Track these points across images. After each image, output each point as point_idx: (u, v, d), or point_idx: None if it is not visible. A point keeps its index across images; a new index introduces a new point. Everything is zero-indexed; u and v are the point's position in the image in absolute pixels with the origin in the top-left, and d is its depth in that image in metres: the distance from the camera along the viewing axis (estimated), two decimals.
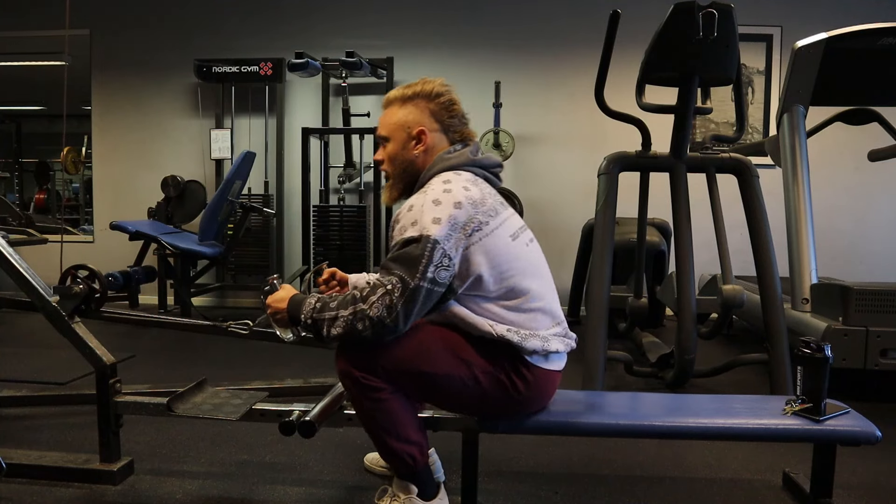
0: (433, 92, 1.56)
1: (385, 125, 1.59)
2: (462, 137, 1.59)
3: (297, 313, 1.44)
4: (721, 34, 2.32)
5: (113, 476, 1.75)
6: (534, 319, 1.48)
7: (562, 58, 4.84)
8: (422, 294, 1.35)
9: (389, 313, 1.35)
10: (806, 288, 2.88)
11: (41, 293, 1.84)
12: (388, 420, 1.48)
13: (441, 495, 1.59)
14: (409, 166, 1.56)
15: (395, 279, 1.36)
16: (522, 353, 1.46)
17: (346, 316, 1.37)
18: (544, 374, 1.51)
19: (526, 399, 1.51)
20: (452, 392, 1.48)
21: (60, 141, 5.08)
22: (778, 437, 1.59)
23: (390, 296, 1.35)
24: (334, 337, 1.39)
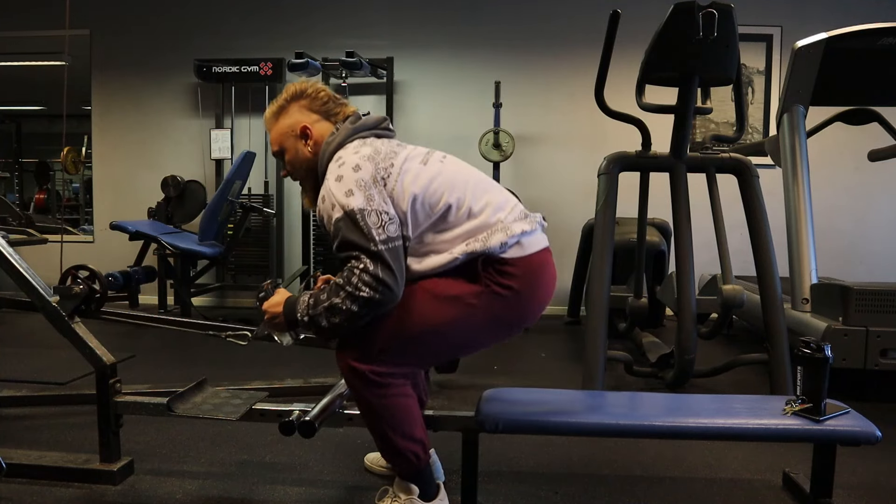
0: (297, 91, 1.62)
1: (274, 140, 1.64)
2: (344, 115, 1.62)
3: (293, 315, 1.44)
4: (721, 34, 2.32)
5: (113, 476, 1.75)
6: (483, 221, 1.46)
7: (562, 58, 4.84)
8: (386, 255, 1.36)
9: (375, 285, 1.35)
10: (806, 288, 2.88)
11: (41, 293, 1.84)
12: (393, 417, 1.48)
13: (441, 496, 1.60)
14: (309, 164, 1.60)
15: (356, 258, 1.37)
16: (493, 254, 1.44)
17: (338, 302, 1.37)
18: (527, 260, 1.47)
19: (526, 293, 1.47)
20: (461, 333, 1.47)
21: (60, 141, 5.08)
22: (778, 437, 1.59)
23: (366, 270, 1.35)
24: (334, 326, 1.39)
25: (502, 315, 1.47)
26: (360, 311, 1.37)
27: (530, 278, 1.47)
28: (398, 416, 1.48)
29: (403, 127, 4.99)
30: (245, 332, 2.18)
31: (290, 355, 2.25)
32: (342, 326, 1.39)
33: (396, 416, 1.48)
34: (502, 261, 1.45)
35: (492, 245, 1.43)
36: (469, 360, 2.87)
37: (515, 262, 1.45)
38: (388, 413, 1.47)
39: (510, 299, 1.45)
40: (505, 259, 1.45)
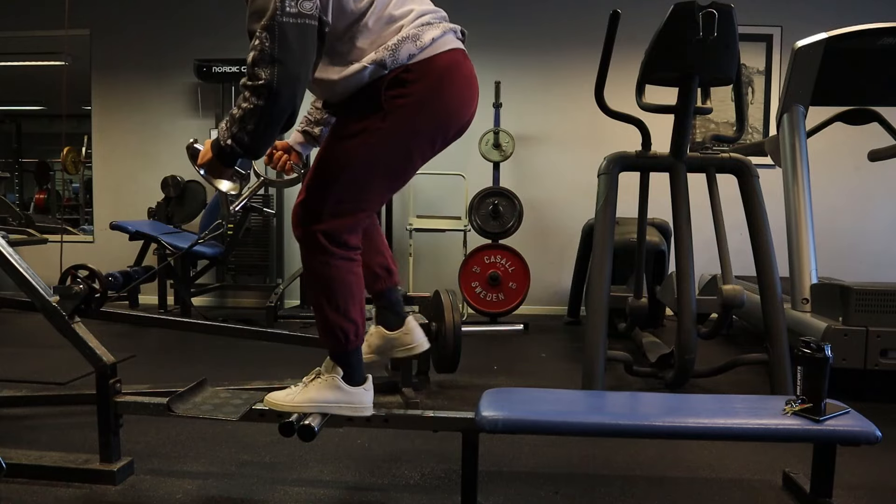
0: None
1: None
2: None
3: (218, 147, 1.41)
4: (721, 34, 2.32)
5: (113, 476, 1.75)
6: (398, 27, 1.42)
7: (562, 58, 4.84)
8: (291, 28, 1.28)
9: (274, 65, 1.28)
10: (806, 288, 2.88)
11: (41, 293, 1.84)
12: (330, 288, 1.49)
13: (367, 386, 1.59)
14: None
15: (258, 31, 1.30)
16: (402, 61, 1.40)
17: (246, 106, 1.33)
18: (426, 63, 1.42)
19: (431, 97, 1.43)
20: (383, 160, 1.46)
21: (60, 141, 5.10)
22: (778, 437, 1.59)
23: (264, 49, 1.28)
24: (254, 135, 1.35)
25: (414, 128, 1.45)
26: (267, 105, 1.31)
27: (433, 81, 1.43)
28: (336, 289, 1.49)
29: None
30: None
31: (291, 355, 2.25)
32: (262, 132, 1.35)
33: (334, 289, 1.49)
34: (403, 71, 1.41)
35: (400, 55, 1.39)
36: (469, 361, 2.87)
37: (412, 67, 1.41)
38: (327, 283, 1.48)
39: (413, 107, 1.42)
40: (407, 66, 1.40)
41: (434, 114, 1.46)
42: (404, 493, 1.80)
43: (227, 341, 3.42)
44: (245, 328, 2.63)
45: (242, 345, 3.38)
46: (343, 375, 1.56)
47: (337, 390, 1.56)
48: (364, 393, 1.57)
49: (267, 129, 1.36)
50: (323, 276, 1.49)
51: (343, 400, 1.56)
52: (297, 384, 1.62)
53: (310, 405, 1.55)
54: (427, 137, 1.49)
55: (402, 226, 4.71)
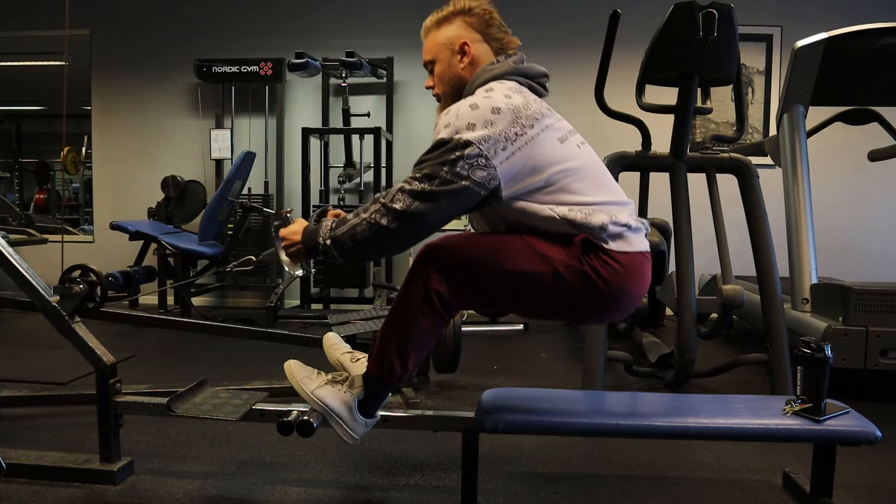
0: (465, 7, 1.55)
1: (428, 50, 1.59)
2: (503, 46, 1.58)
3: (314, 240, 1.41)
4: (721, 34, 2.32)
5: (113, 476, 1.75)
6: (591, 201, 1.43)
7: (562, 57, 4.84)
8: (448, 186, 1.32)
9: (413, 200, 1.31)
10: (806, 288, 2.88)
11: (41, 293, 1.84)
12: (411, 333, 1.46)
13: (371, 423, 1.57)
14: (458, 82, 1.55)
15: (419, 173, 1.33)
16: (594, 233, 1.40)
17: (367, 217, 1.34)
18: (627, 258, 1.43)
19: (615, 291, 1.42)
20: (535, 291, 1.43)
21: (60, 141, 5.09)
22: (778, 437, 1.59)
23: (413, 186, 1.32)
24: (358, 245, 1.35)
25: (584, 301, 1.43)
26: (389, 225, 1.33)
27: (628, 278, 1.43)
28: (413, 336, 1.46)
29: (403, 127, 4.99)
30: (250, 258, 2.15)
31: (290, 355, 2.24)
32: (366, 248, 1.36)
33: (412, 334, 1.46)
34: (606, 251, 1.41)
35: (594, 222, 1.39)
36: (469, 361, 2.87)
37: (619, 256, 1.41)
38: (411, 327, 1.46)
39: (599, 289, 1.40)
40: (609, 250, 1.41)
41: (606, 306, 1.46)
42: (404, 493, 1.80)
43: (227, 341, 3.42)
44: (245, 328, 2.62)
45: (242, 345, 3.38)
46: (361, 399, 1.53)
47: (345, 407, 1.52)
48: (364, 426, 1.55)
49: (372, 248, 1.37)
50: (412, 319, 1.46)
51: (344, 418, 1.52)
52: (321, 373, 1.59)
53: (313, 401, 1.53)
54: (579, 315, 1.50)
55: None
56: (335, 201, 4.81)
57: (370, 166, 4.68)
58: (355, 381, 1.54)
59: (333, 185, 4.90)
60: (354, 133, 4.63)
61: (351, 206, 4.55)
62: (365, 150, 4.72)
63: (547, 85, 1.61)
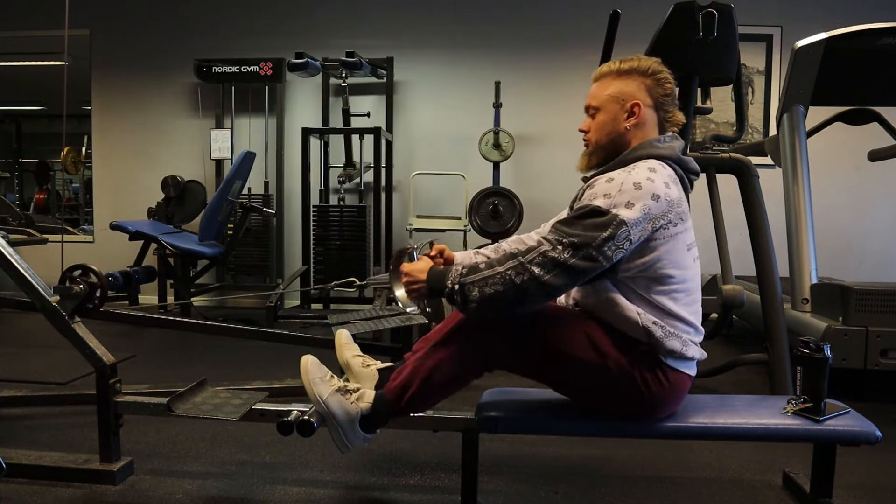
0: (650, 69, 1.54)
1: (596, 96, 1.57)
2: (671, 120, 1.56)
3: (441, 282, 1.41)
4: (721, 34, 2.32)
5: (113, 476, 1.75)
6: (678, 325, 1.45)
7: (562, 58, 4.84)
8: (591, 263, 1.32)
9: (553, 269, 1.31)
10: (806, 288, 2.88)
11: (41, 293, 1.84)
12: (443, 381, 1.48)
13: (368, 438, 1.56)
14: (617, 138, 1.54)
15: (567, 240, 1.33)
16: (660, 352, 1.42)
17: (502, 272, 1.33)
18: (678, 377, 1.46)
19: (657, 401, 1.46)
20: (581, 379, 1.46)
21: (60, 141, 5.09)
22: (778, 437, 1.59)
23: (558, 253, 1.32)
24: (485, 298, 1.34)
25: (622, 401, 1.46)
26: (522, 285, 1.32)
27: (669, 393, 1.47)
28: (446, 386, 1.50)
29: (403, 127, 4.99)
30: (353, 280, 2.15)
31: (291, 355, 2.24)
32: (490, 304, 1.35)
33: (446, 385, 1.50)
34: (661, 364, 1.43)
35: (666, 344, 1.41)
36: None
37: (669, 373, 1.44)
38: (448, 378, 1.48)
39: (642, 395, 1.44)
40: (664, 365, 1.43)
41: (644, 412, 1.49)
42: (404, 493, 1.80)
43: (227, 341, 3.42)
44: (245, 328, 2.63)
45: (242, 345, 3.38)
46: (365, 412, 1.52)
47: (348, 418, 1.51)
48: (361, 440, 1.54)
49: (499, 303, 1.35)
50: (451, 368, 1.48)
51: (345, 428, 1.51)
52: (334, 376, 1.58)
53: (319, 403, 1.51)
54: (617, 411, 1.50)
55: (402, 226, 4.71)
56: (335, 201, 4.81)
57: (370, 166, 4.68)
58: (366, 395, 1.53)
59: (333, 185, 4.90)
60: (354, 133, 4.63)
61: (351, 207, 4.55)
62: (365, 150, 4.72)
63: (693, 184, 1.60)
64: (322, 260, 4.42)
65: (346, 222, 4.46)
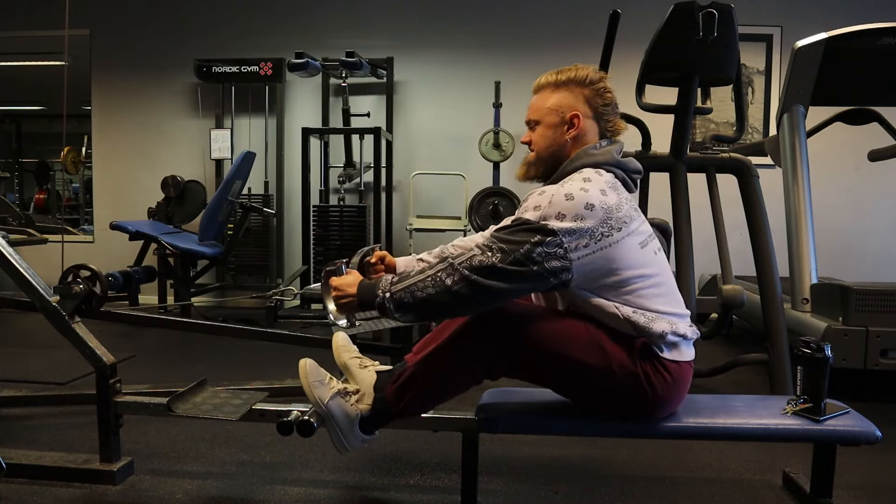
0: (587, 78, 1.54)
1: (536, 109, 1.57)
2: (611, 129, 1.56)
3: (370, 295, 1.39)
4: (721, 34, 2.32)
5: (113, 476, 1.75)
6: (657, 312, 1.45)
7: (562, 58, 4.79)
8: (520, 268, 1.31)
9: (481, 271, 1.31)
10: (806, 288, 2.88)
11: (41, 293, 1.84)
12: (441, 386, 1.48)
13: (367, 439, 1.56)
14: (558, 150, 1.53)
15: (496, 245, 1.33)
16: (653, 339, 1.42)
17: (432, 274, 1.33)
18: (678, 370, 1.46)
19: (659, 398, 1.45)
20: (585, 382, 1.46)
21: (60, 141, 5.10)
22: (778, 437, 1.59)
23: (486, 257, 1.32)
24: (418, 302, 1.34)
25: (627, 401, 1.46)
26: (452, 286, 1.32)
27: (674, 388, 1.47)
28: (445, 391, 1.49)
29: (403, 127, 4.99)
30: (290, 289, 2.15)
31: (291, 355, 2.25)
32: (425, 308, 1.34)
33: (445, 390, 1.49)
34: (661, 360, 1.43)
35: (654, 329, 1.41)
36: None
37: (670, 366, 1.44)
38: (447, 383, 1.48)
39: (646, 395, 1.44)
40: (663, 359, 1.43)
41: (649, 410, 1.49)
42: (404, 493, 1.80)
43: (227, 341, 3.42)
44: (245, 328, 2.63)
45: (242, 345, 3.38)
46: (366, 415, 1.51)
47: (347, 419, 1.51)
48: (360, 441, 1.54)
49: (432, 306, 1.34)
50: (451, 375, 1.48)
51: (343, 429, 1.51)
52: (333, 378, 1.58)
53: (318, 404, 1.52)
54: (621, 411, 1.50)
55: (403, 226, 4.71)
56: (335, 201, 4.81)
57: (370, 166, 4.68)
58: (365, 397, 1.53)
59: (333, 185, 4.90)
60: (354, 133, 4.63)
61: (351, 207, 4.55)
62: (365, 150, 4.72)
63: (638, 182, 1.59)
64: (322, 260, 4.41)
65: (346, 222, 4.46)
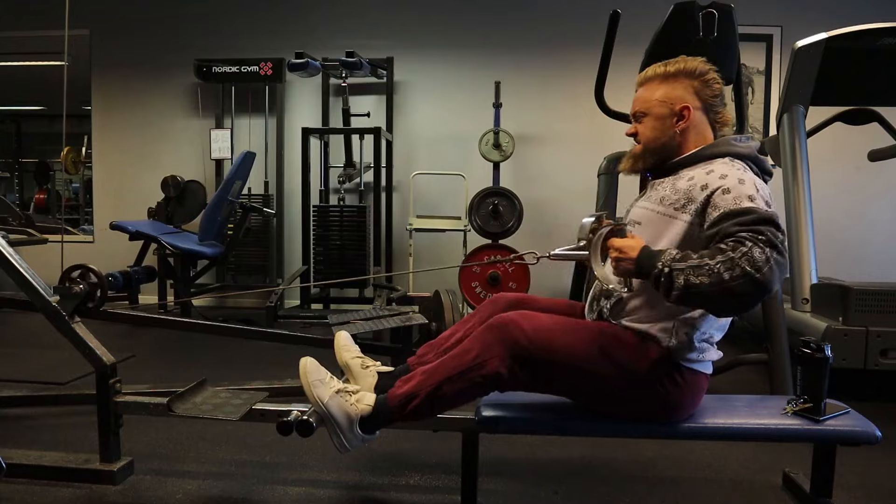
0: (696, 70, 1.52)
1: (644, 100, 1.56)
2: (721, 119, 1.55)
3: (651, 262, 1.34)
4: (721, 34, 2.32)
5: (113, 476, 1.75)
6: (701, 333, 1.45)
7: (562, 58, 4.84)
8: (783, 258, 1.28)
9: (764, 265, 1.25)
10: (806, 288, 2.88)
11: (41, 293, 1.84)
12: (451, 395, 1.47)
13: (368, 439, 1.55)
14: (668, 142, 1.53)
15: (763, 236, 1.28)
16: (677, 355, 1.42)
17: (712, 265, 1.27)
18: (694, 377, 1.46)
19: (673, 403, 1.46)
20: (600, 391, 1.46)
21: (60, 141, 5.09)
22: (778, 437, 1.59)
23: (768, 252, 1.26)
24: (690, 287, 1.28)
25: (642, 406, 1.47)
26: (731, 281, 1.25)
27: (689, 394, 1.47)
28: (453, 400, 1.49)
29: (403, 127, 4.98)
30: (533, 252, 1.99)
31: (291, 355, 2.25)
32: (699, 291, 1.28)
33: (453, 399, 1.49)
34: (678, 367, 1.43)
35: (680, 357, 1.42)
36: None
37: (687, 375, 1.44)
38: (456, 393, 1.47)
39: (660, 400, 1.44)
40: (682, 366, 1.43)
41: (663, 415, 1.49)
42: (404, 493, 1.80)
43: (227, 341, 3.42)
44: (245, 328, 2.63)
45: (242, 345, 3.38)
46: (366, 415, 1.51)
47: (347, 419, 1.50)
48: (360, 441, 1.53)
49: (697, 297, 1.29)
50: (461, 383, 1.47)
51: (343, 429, 1.50)
52: (333, 377, 1.57)
53: (318, 404, 1.51)
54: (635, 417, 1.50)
55: (403, 226, 4.71)
56: (335, 201, 4.81)
57: (370, 166, 4.68)
58: (366, 397, 1.53)
59: (333, 185, 4.90)
60: (354, 133, 4.63)
61: (351, 207, 4.55)
62: (365, 150, 4.72)
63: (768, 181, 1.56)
64: (322, 260, 4.41)
65: (346, 222, 4.46)
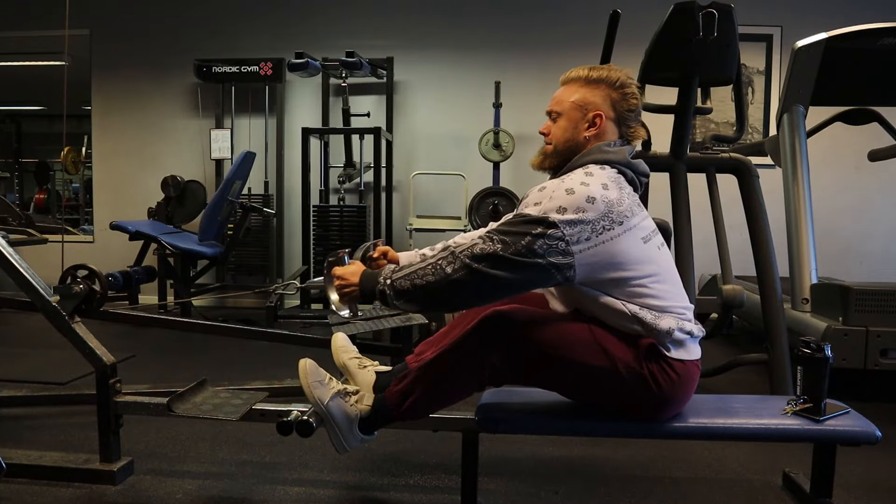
0: (618, 81, 1.53)
1: (560, 101, 1.56)
2: (632, 134, 1.56)
3: (372, 283, 1.40)
4: (721, 34, 2.32)
5: (113, 476, 1.75)
6: (663, 309, 1.45)
7: (562, 57, 4.84)
8: (522, 259, 1.31)
9: (483, 259, 1.30)
10: (806, 288, 2.88)
11: (41, 293, 1.84)
12: (446, 392, 1.48)
13: (367, 439, 1.56)
14: (575, 146, 1.53)
15: (498, 237, 1.33)
16: (659, 338, 1.41)
17: (433, 262, 1.33)
18: (684, 367, 1.46)
19: (666, 397, 1.45)
20: (590, 384, 1.45)
21: (60, 141, 5.10)
22: (778, 437, 1.59)
23: (489, 246, 1.31)
24: (418, 288, 1.33)
25: (634, 401, 1.46)
26: (452, 275, 1.31)
27: (681, 386, 1.47)
28: (449, 396, 1.49)
29: (403, 127, 4.99)
30: (294, 283, 2.18)
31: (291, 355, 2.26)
32: (426, 291, 1.33)
33: (448, 395, 1.49)
34: (667, 359, 1.43)
35: (661, 326, 1.41)
36: None
37: (677, 366, 1.44)
38: (451, 389, 1.48)
39: (653, 395, 1.43)
40: (669, 358, 1.43)
41: (656, 411, 1.49)
42: (404, 493, 1.80)
43: (227, 341, 3.42)
44: (245, 328, 2.63)
45: (242, 345, 3.38)
46: (365, 416, 1.51)
47: (346, 419, 1.51)
48: (359, 441, 1.54)
49: (432, 294, 1.34)
50: (456, 380, 1.47)
51: (342, 429, 1.51)
52: (333, 379, 1.57)
53: (317, 405, 1.51)
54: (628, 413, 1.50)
55: (403, 226, 4.71)
56: (335, 201, 4.81)
57: (370, 166, 4.68)
58: (365, 398, 1.53)
59: (333, 185, 4.90)
60: (354, 133, 4.63)
61: (351, 207, 4.56)
62: (365, 150, 4.72)
63: (646, 184, 1.59)
64: (322, 260, 4.41)
65: (346, 222, 4.46)
